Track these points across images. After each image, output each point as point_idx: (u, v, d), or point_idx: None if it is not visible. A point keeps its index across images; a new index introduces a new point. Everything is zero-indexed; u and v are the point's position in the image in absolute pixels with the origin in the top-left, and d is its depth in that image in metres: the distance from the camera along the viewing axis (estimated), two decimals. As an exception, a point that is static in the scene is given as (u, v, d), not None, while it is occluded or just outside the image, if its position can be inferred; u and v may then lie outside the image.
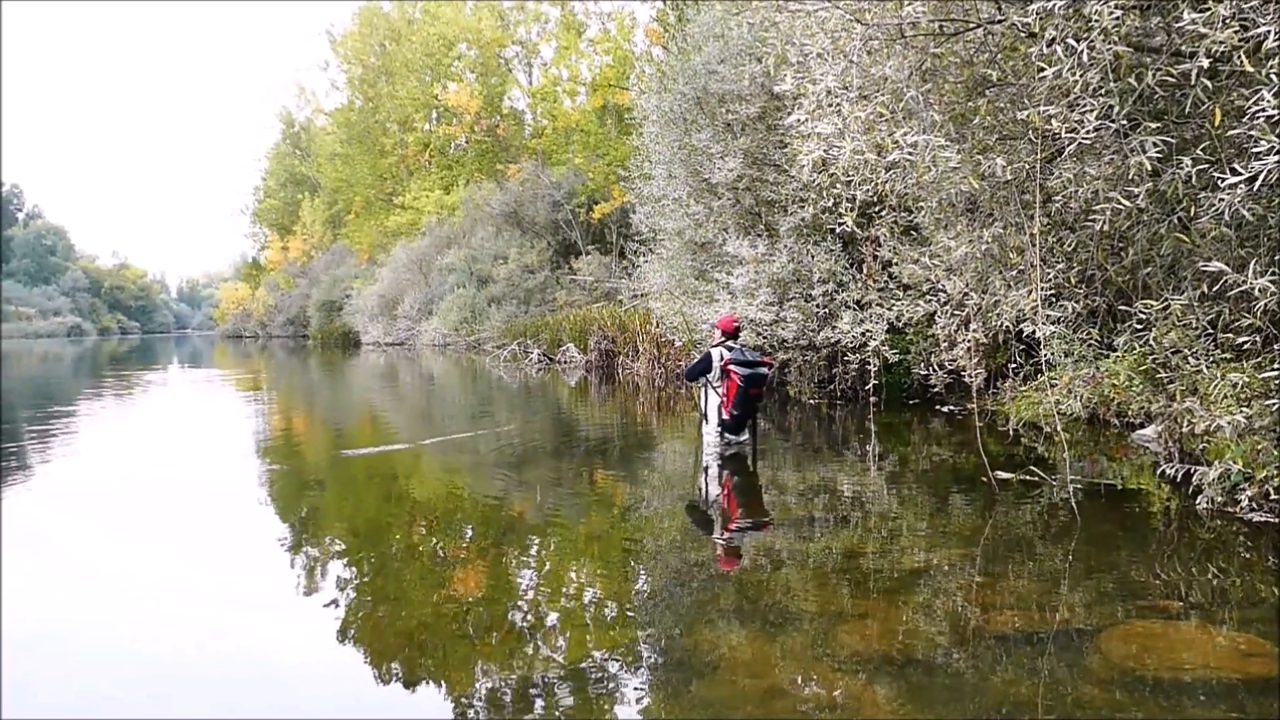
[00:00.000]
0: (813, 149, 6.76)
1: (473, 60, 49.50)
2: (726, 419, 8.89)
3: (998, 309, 7.29)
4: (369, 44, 55.45)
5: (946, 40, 6.30)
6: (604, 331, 22.71)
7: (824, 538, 5.93)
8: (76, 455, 10.56)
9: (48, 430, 13.00)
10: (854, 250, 12.87)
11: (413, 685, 3.88)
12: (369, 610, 4.87)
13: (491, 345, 31.15)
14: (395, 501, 7.94)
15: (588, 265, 31.63)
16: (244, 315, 78.98)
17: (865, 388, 12.02)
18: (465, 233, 39.63)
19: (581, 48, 40.90)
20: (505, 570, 5.58)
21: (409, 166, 52.65)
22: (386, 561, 5.85)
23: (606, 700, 3.64)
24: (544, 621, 4.64)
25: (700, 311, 14.06)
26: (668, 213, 15.28)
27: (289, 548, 6.23)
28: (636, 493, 7.85)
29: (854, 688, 3.61)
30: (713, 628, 4.30)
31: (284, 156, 76.70)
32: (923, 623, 4.29)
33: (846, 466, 8.61)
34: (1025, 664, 3.79)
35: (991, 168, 6.09)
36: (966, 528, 6.11)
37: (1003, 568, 5.19)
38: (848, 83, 6.51)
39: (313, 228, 66.83)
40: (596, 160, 34.75)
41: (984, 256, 7.34)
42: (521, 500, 7.61)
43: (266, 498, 8.18)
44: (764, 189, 13.65)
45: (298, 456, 10.59)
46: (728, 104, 13.74)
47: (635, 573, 5.48)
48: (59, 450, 10.93)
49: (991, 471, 7.08)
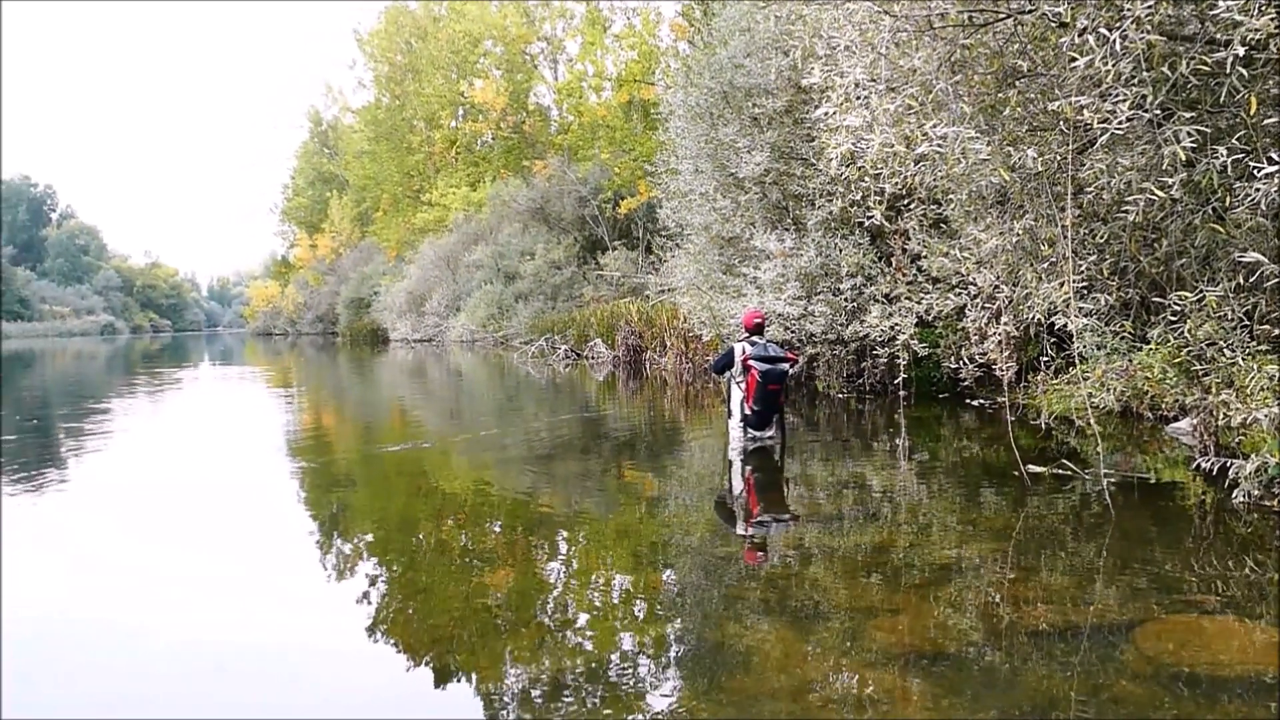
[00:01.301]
0: (841, 142, 6.73)
1: (498, 57, 49.62)
2: (749, 414, 8.88)
3: (1029, 302, 7.23)
4: (395, 42, 55.67)
5: (976, 31, 6.24)
6: (631, 327, 22.70)
7: (853, 532, 5.91)
8: (109, 452, 10.68)
9: (81, 427, 13.16)
10: (882, 244, 12.80)
11: (443, 679, 3.89)
12: (400, 605, 4.90)
13: (519, 341, 31.24)
14: (425, 497, 7.99)
15: (614, 260, 31.63)
16: (274, 313, 79.66)
17: (894, 382, 11.95)
18: (492, 229, 39.73)
19: (607, 43, 40.86)
20: (534, 565, 5.60)
21: (436, 164, 52.83)
22: (416, 556, 5.88)
23: (636, 695, 3.64)
24: (573, 616, 4.65)
25: (728, 306, 14.03)
26: (694, 207, 15.25)
27: (320, 543, 6.28)
28: (664, 488, 7.85)
29: (886, 682, 3.59)
30: (742, 622, 4.29)
31: (312, 155, 77.26)
32: (955, 618, 4.27)
33: (876, 461, 8.57)
34: (1059, 659, 3.76)
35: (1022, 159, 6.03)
36: (998, 522, 6.06)
37: (1035, 562, 5.15)
38: (876, 75, 6.47)
39: (341, 225, 67.24)
40: (622, 156, 34.73)
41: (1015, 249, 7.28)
42: (550, 495, 7.63)
43: (298, 494, 8.25)
44: (791, 183, 13.59)
45: (328, 453, 10.67)
46: (754, 98, 13.68)
47: (663, 567, 5.48)
48: (93, 447, 11.06)
49: (1023, 465, 7.02)
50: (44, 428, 13.20)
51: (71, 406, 17.17)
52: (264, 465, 9.69)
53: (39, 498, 7.69)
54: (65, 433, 12.50)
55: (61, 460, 9.95)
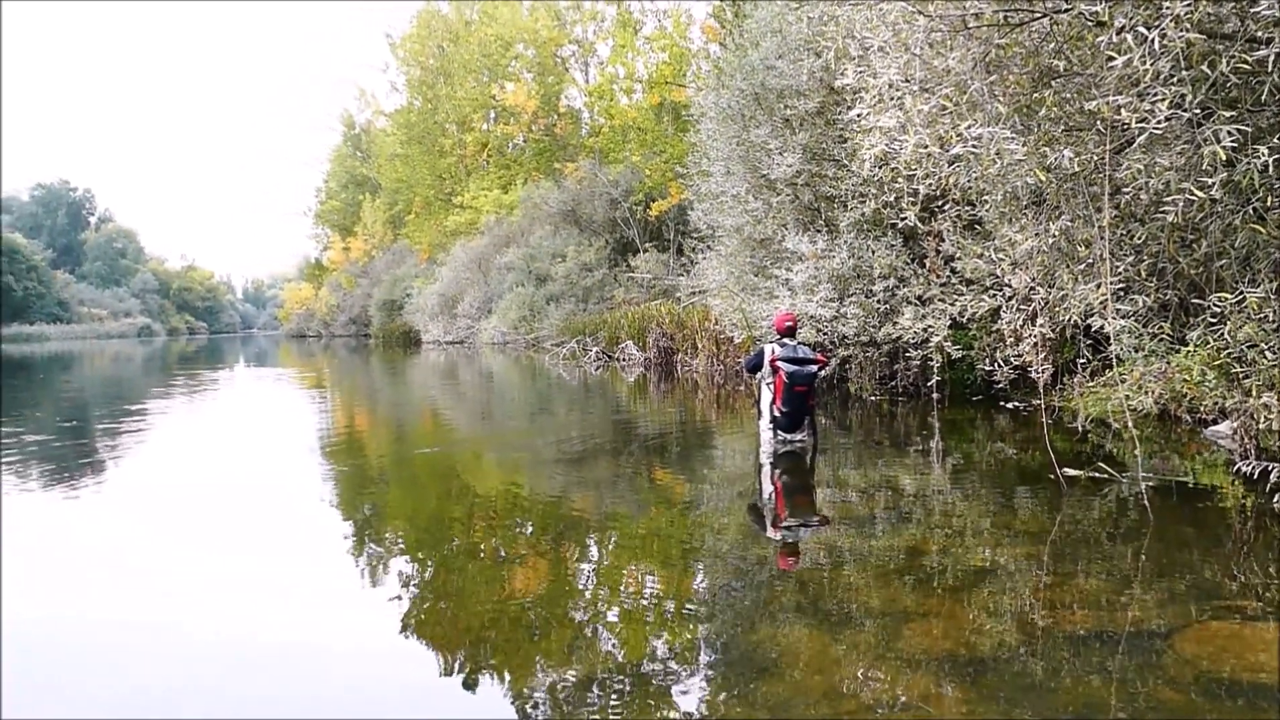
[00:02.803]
0: (874, 143, 6.69)
1: (530, 60, 49.80)
2: (778, 416, 8.86)
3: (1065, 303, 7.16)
4: (427, 46, 55.99)
5: (1011, 30, 6.19)
6: (662, 329, 22.70)
7: (886, 535, 5.87)
8: (146, 453, 10.82)
9: (118, 429, 13.34)
10: (915, 245, 12.72)
11: (474, 681, 3.91)
12: (431, 605, 4.93)
13: (550, 343, 31.31)
14: (456, 499, 8.03)
15: (645, 263, 31.63)
16: (307, 315, 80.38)
17: (927, 384, 11.88)
18: (523, 231, 39.85)
19: (638, 45, 40.87)
20: (565, 567, 5.61)
21: (467, 166, 53.10)
22: (448, 558, 5.91)
23: (668, 698, 3.64)
24: (604, 618, 4.65)
25: (760, 308, 14.00)
26: (726, 209, 15.23)
27: (353, 544, 6.33)
28: (696, 490, 7.85)
29: (920, 686, 3.57)
30: (774, 625, 4.28)
31: (345, 158, 77.89)
32: (989, 621, 4.23)
33: (909, 463, 8.52)
34: (1096, 664, 3.72)
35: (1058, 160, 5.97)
36: (1033, 526, 6.00)
37: (1071, 566, 5.10)
38: (910, 76, 6.43)
39: (373, 228, 67.73)
40: (654, 158, 34.71)
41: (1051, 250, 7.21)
42: (581, 497, 7.64)
43: (331, 495, 8.31)
44: (823, 184, 13.54)
45: (360, 454, 10.75)
46: (786, 99, 13.65)
47: (695, 570, 5.48)
48: (129, 448, 11.21)
49: (1059, 468, 6.95)
50: (82, 429, 13.39)
51: (109, 408, 17.41)
52: (298, 466, 9.77)
53: (77, 498, 7.81)
54: (103, 434, 12.68)
55: (99, 461, 10.09)
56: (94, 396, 20.68)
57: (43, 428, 13.42)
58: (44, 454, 10.46)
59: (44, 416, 15.41)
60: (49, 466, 9.38)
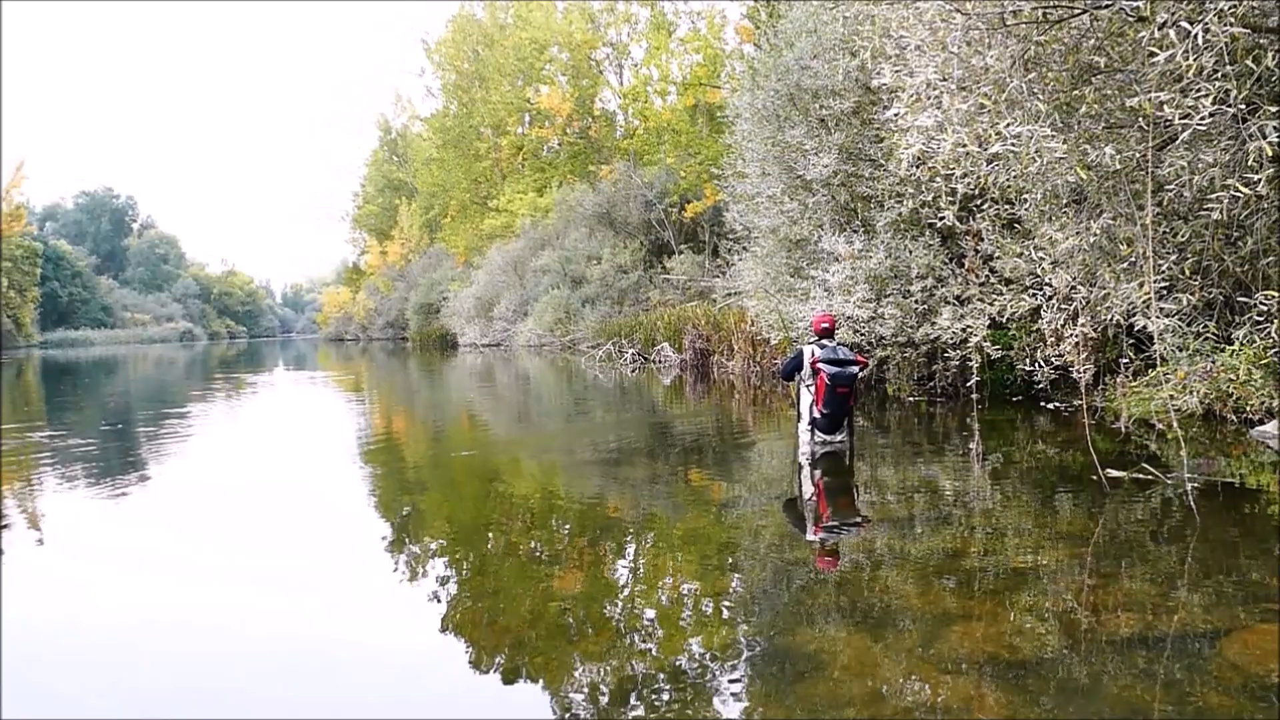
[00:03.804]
0: (912, 143, 6.66)
1: (564, 63, 49.90)
2: (818, 417, 8.82)
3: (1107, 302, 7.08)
4: (462, 50, 56.34)
5: (1050, 27, 6.13)
6: (698, 330, 22.68)
7: (925, 537, 5.83)
8: (188, 455, 10.98)
9: (161, 431, 13.54)
10: (953, 245, 12.62)
11: (513, 681, 3.93)
12: (470, 606, 4.96)
13: (586, 345, 31.38)
14: (494, 500, 8.07)
15: (681, 264, 31.62)
16: (345, 318, 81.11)
17: (966, 385, 11.78)
18: (559, 234, 39.97)
19: (672, 47, 40.88)
20: (603, 568, 5.62)
21: (503, 170, 53.36)
22: (487, 559, 5.95)
23: (706, 699, 3.63)
24: (642, 619, 4.66)
25: (796, 309, 13.95)
26: (762, 210, 15.20)
27: (392, 545, 6.38)
28: (733, 491, 7.83)
29: (962, 690, 3.54)
30: (813, 627, 4.27)
31: (381, 163, 78.51)
32: (1031, 624, 4.19)
33: (948, 465, 8.45)
34: (1142, 668, 3.67)
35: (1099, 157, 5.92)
36: (1076, 527, 5.93)
37: (1115, 568, 5.03)
38: (948, 74, 6.39)
39: (410, 232, 68.21)
40: (688, 159, 34.69)
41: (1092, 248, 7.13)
42: (618, 499, 7.65)
43: (369, 496, 8.39)
44: (860, 184, 13.47)
45: (399, 456, 10.83)
46: (821, 99, 13.59)
47: (732, 571, 5.46)
48: (172, 450, 11.38)
49: (1102, 469, 6.86)
50: (125, 432, 13.61)
51: (152, 411, 17.68)
52: (337, 468, 9.87)
53: (120, 501, 7.93)
54: (146, 437, 12.87)
55: (142, 463, 10.25)
56: (137, 400, 21.00)
57: (87, 431, 13.64)
58: (88, 457, 10.64)
59: (89, 420, 15.67)
60: (93, 469, 9.54)
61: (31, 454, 10.83)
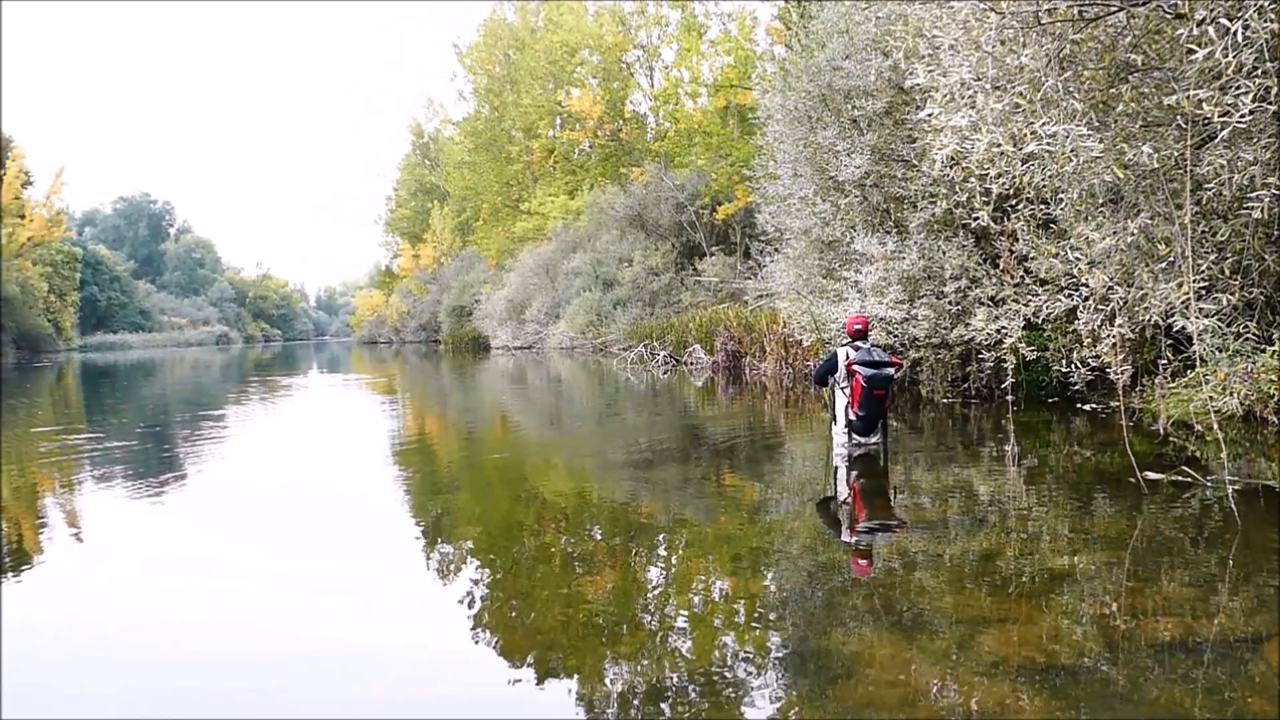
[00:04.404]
0: (945, 142, 6.62)
1: (595, 66, 50.00)
2: (853, 419, 8.77)
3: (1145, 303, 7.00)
4: (494, 54, 56.57)
5: (1086, 25, 6.08)
6: (730, 332, 22.65)
7: (960, 540, 5.79)
8: (223, 457, 11.11)
9: (197, 433, 13.70)
10: (988, 245, 12.52)
11: (545, 683, 3.94)
12: (501, 607, 4.98)
13: (618, 347, 31.42)
14: (525, 502, 8.10)
15: (712, 266, 31.59)
16: (378, 321, 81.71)
17: (1001, 386, 11.66)
18: (590, 236, 40.05)
19: (702, 49, 40.86)
20: (634, 570, 5.63)
21: (534, 173, 53.52)
22: (518, 560, 5.96)
23: (738, 700, 3.62)
24: (674, 622, 4.66)
25: (829, 310, 13.90)
26: (794, 211, 15.15)
27: (424, 547, 6.42)
28: (765, 494, 7.81)
29: (998, 694, 3.51)
30: (846, 630, 4.25)
31: (414, 167, 79.04)
32: (1068, 628, 4.15)
33: (982, 467, 8.38)
34: (1181, 673, 3.62)
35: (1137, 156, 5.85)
36: (1113, 530, 5.87)
37: (1154, 572, 4.97)
38: (982, 74, 6.34)
39: (442, 235, 68.61)
40: (719, 161, 34.65)
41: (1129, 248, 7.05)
42: (649, 501, 7.65)
43: (402, 498, 8.46)
44: (892, 185, 13.40)
45: (431, 458, 10.90)
46: (853, 100, 13.54)
47: (765, 574, 5.45)
48: (208, 452, 11.51)
49: (1140, 472, 6.78)
50: (163, 434, 13.78)
51: (189, 414, 17.89)
52: (370, 470, 9.95)
53: (156, 502, 8.04)
54: (183, 439, 13.03)
55: (179, 465, 10.37)
56: (174, 403, 21.26)
57: (125, 433, 13.83)
58: (126, 458, 10.79)
59: (127, 423, 15.88)
60: (131, 471, 9.67)
61: (71, 456, 11.00)
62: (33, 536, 6.88)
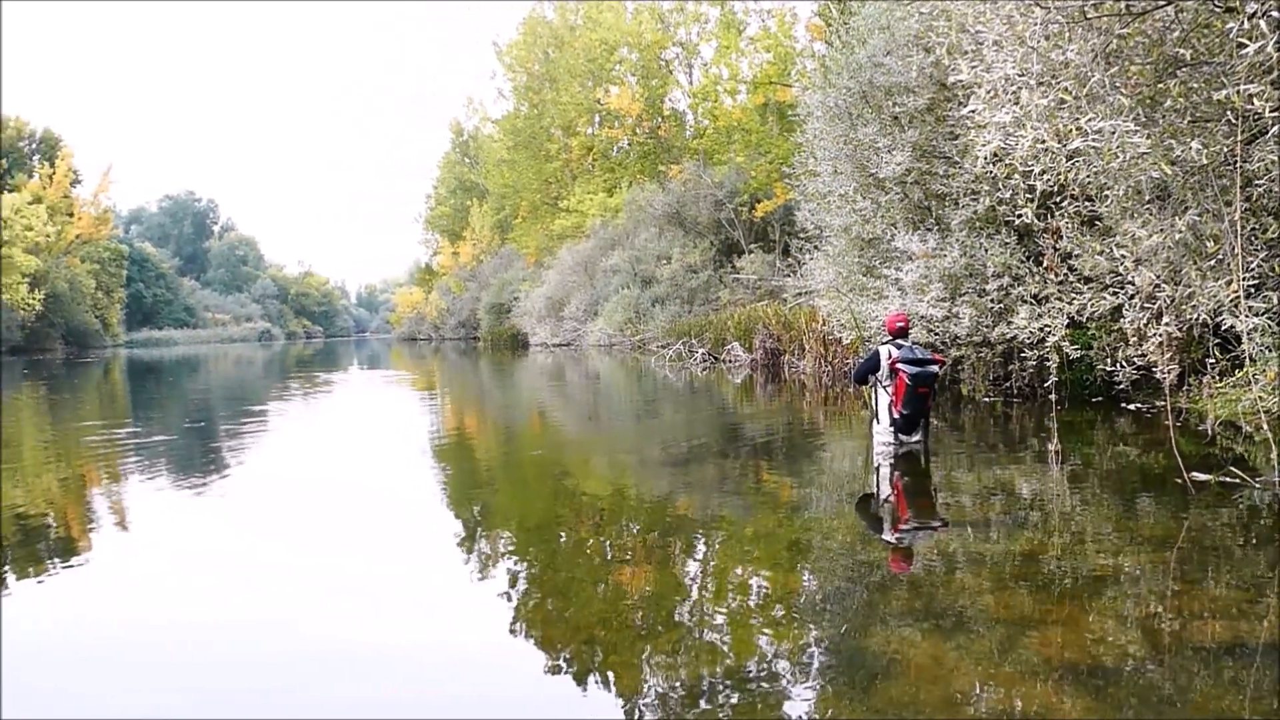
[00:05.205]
0: (989, 139, 6.56)
1: (634, 63, 50.01)
2: (897, 418, 8.71)
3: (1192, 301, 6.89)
4: (533, 52, 56.74)
5: (1133, 20, 5.99)
6: (769, 330, 22.57)
7: (1002, 540, 5.73)
8: (265, 453, 11.25)
9: (240, 429, 13.89)
10: (1030, 243, 12.38)
11: (583, 681, 3.94)
12: (540, 604, 4.99)
13: (656, 345, 31.44)
14: (565, 499, 8.12)
15: (751, 264, 31.51)
16: (418, 318, 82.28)
17: (1044, 385, 11.53)
18: (628, 234, 40.08)
19: (742, 46, 40.75)
20: (673, 568, 5.63)
21: (573, 170, 53.63)
22: (556, 556, 5.98)
23: (776, 700, 3.61)
24: (713, 620, 4.65)
25: (869, 308, 13.82)
26: (833, 209, 15.08)
27: (463, 543, 6.45)
28: (804, 492, 7.78)
29: (1041, 697, 3.47)
30: (886, 630, 4.22)
31: (453, 165, 79.54)
32: (1113, 630, 4.10)
33: (1025, 466, 8.29)
34: (1229, 678, 3.56)
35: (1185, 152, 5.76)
36: (1158, 531, 5.78)
37: (1200, 574, 4.89)
38: (1026, 69, 6.27)
39: (481, 233, 68.98)
40: (758, 158, 34.56)
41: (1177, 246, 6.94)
42: (687, 498, 7.65)
43: (442, 494, 8.52)
44: (934, 182, 13.29)
45: (470, 455, 10.97)
46: (895, 96, 13.44)
47: (804, 572, 5.43)
48: (250, 447, 11.67)
49: (1186, 472, 6.67)
50: (206, 429, 13.98)
51: (232, 409, 18.14)
52: (410, 466, 10.03)
53: (198, 497, 8.16)
54: (225, 434, 13.21)
55: (221, 460, 10.53)
56: (218, 398, 21.56)
57: (170, 428, 14.06)
58: (169, 453, 10.96)
59: (172, 418, 16.13)
60: (173, 465, 9.83)
61: (116, 450, 11.19)
62: (72, 529, 7.01)
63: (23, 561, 5.92)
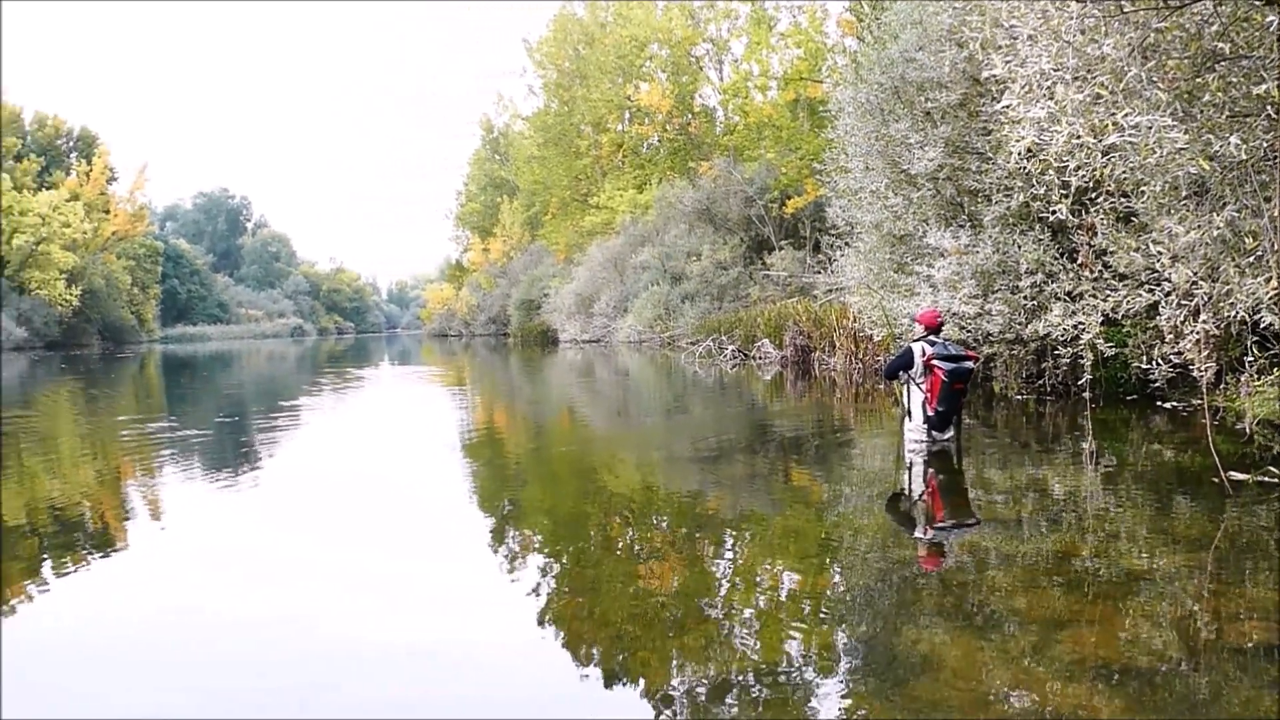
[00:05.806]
0: (1023, 135, 6.50)
1: (664, 60, 49.96)
2: (931, 415, 8.66)
3: (1230, 298, 6.79)
4: (563, 49, 56.81)
5: (1171, 13, 5.91)
6: (799, 326, 22.48)
7: (1034, 538, 5.69)
8: (296, 449, 11.36)
9: (272, 424, 14.03)
10: (1064, 239, 12.25)
11: (610, 677, 3.94)
12: (569, 601, 5.00)
13: (685, 341, 31.40)
14: (594, 495, 8.14)
15: (781, 260, 31.40)
16: (448, 315, 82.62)
17: (1078, 383, 11.42)
18: (658, 231, 40.06)
19: (772, 42, 40.57)
20: (701, 565, 5.63)
21: (603, 167, 53.66)
22: (585, 553, 6.00)
23: (806, 698, 3.61)
24: (742, 617, 4.65)
25: (900, 305, 13.74)
26: (865, 205, 15.01)
27: (492, 539, 6.48)
28: (835, 489, 7.76)
29: (1074, 697, 3.44)
30: (917, 628, 4.20)
31: (484, 161, 79.77)
32: (1147, 631, 4.06)
33: (1058, 465, 8.22)
34: (1268, 679, 3.52)
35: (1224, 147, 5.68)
36: (1195, 531, 5.72)
37: (1238, 574, 4.84)
38: (1061, 64, 6.21)
39: (512, 229, 69.16)
40: (789, 155, 34.42)
41: (1214, 242, 6.85)
42: (717, 495, 7.65)
43: (471, 490, 8.56)
44: (966, 178, 13.18)
45: (499, 451, 11.01)
46: (927, 92, 13.35)
47: (834, 570, 5.42)
48: (281, 443, 11.78)
49: (1224, 471, 6.59)
50: (239, 424, 14.13)
51: (265, 404, 18.31)
52: (440, 462, 10.09)
53: (229, 492, 8.24)
54: (258, 429, 13.34)
55: (253, 455, 10.63)
56: (251, 393, 21.78)
57: (203, 423, 14.22)
58: (201, 447, 11.09)
59: (205, 412, 16.32)
60: (205, 460, 9.95)
61: (151, 445, 11.33)
62: (106, 522, 7.10)
63: (58, 551, 6.02)
